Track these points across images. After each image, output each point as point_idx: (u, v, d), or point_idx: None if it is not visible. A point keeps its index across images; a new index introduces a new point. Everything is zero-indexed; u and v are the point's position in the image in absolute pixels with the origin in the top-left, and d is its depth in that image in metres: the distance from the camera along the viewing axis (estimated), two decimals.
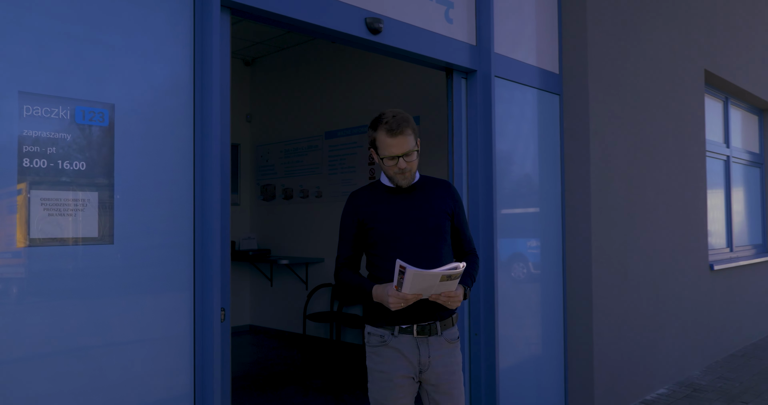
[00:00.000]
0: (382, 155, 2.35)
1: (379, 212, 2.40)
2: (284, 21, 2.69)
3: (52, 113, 1.99)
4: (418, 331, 2.33)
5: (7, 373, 1.87)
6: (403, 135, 2.31)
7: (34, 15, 1.97)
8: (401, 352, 2.34)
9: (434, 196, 2.48)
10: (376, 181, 2.53)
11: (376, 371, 2.38)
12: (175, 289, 2.27)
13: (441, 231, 2.42)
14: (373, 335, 2.40)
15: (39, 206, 1.95)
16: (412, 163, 2.36)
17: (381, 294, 2.26)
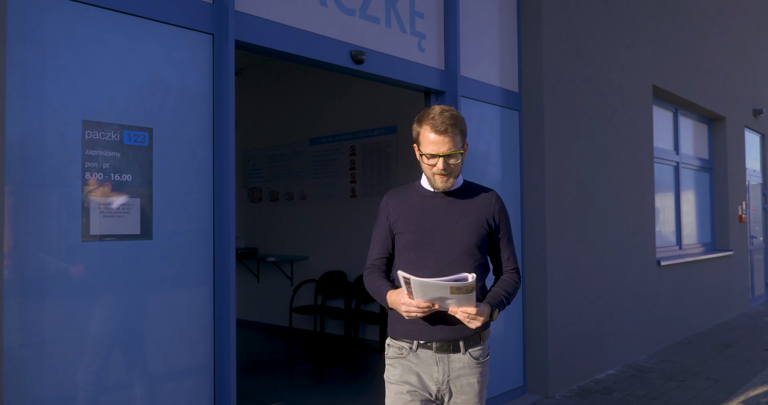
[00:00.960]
0: (423, 152, 2.18)
1: (409, 217, 2.23)
2: (283, 55, 3.24)
3: (106, 137, 2.52)
4: (438, 348, 2.18)
5: (74, 328, 2.41)
6: (449, 134, 2.14)
7: (95, 61, 2.50)
8: (419, 368, 2.20)
9: (474, 206, 2.27)
10: (416, 181, 2.35)
11: (390, 384, 2.24)
12: (199, 275, 2.82)
13: (472, 245, 2.22)
14: (392, 347, 2.26)
15: (97, 209, 2.48)
16: (454, 166, 2.18)
17: (395, 300, 2.12)
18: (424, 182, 2.29)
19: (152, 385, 2.65)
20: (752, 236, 9.89)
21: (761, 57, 10.21)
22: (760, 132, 10.38)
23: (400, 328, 2.22)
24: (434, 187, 2.23)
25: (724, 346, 6.73)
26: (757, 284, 10.17)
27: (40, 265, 2.32)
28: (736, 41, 9.09)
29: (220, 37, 2.89)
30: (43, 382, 2.31)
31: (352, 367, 5.94)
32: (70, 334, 2.40)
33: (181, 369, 2.76)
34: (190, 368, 2.78)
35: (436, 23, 4.21)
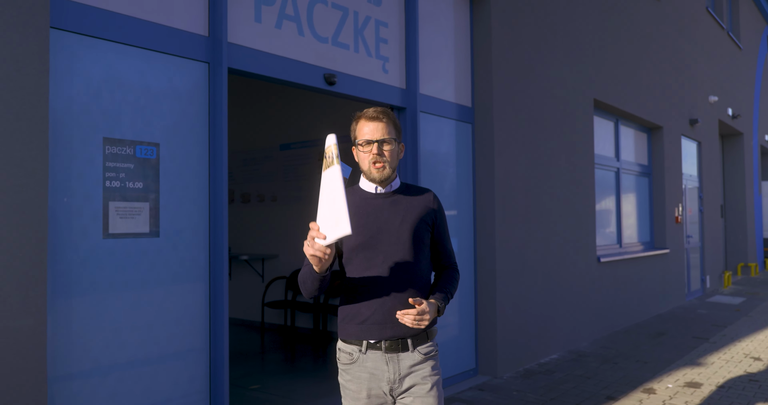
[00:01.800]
0: (359, 141, 2.26)
1: (356, 220, 2.21)
2: (267, 79, 3.77)
3: (122, 151, 3.01)
4: (387, 348, 2.21)
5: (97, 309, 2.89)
6: (381, 122, 2.24)
7: (111, 87, 2.99)
8: (370, 371, 2.23)
9: (415, 205, 2.33)
10: (355, 185, 2.39)
11: (346, 388, 2.29)
12: (198, 267, 3.32)
13: (419, 242, 2.28)
14: (343, 352, 2.28)
15: (114, 211, 2.98)
16: (389, 154, 2.25)
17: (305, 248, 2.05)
18: (363, 184, 2.34)
19: (159, 362, 3.14)
20: (688, 236, 10.74)
21: (698, 71, 11.09)
22: (697, 140, 11.26)
23: (350, 329, 2.23)
24: (371, 178, 2.27)
25: (657, 334, 7.47)
26: (694, 280, 11.03)
27: (71, 258, 2.81)
28: (674, 57, 9.91)
29: (214, 65, 3.40)
30: (77, 357, 2.80)
31: (320, 355, 6.47)
32: (96, 316, 2.89)
33: (184, 349, 3.26)
34: (192, 349, 3.29)
35: (398, 48, 4.78)
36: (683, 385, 5.25)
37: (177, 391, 3.21)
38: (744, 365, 5.93)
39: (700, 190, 11.53)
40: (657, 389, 5.12)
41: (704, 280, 11.42)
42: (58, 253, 2.74)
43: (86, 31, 2.88)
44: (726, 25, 13.57)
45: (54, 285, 2.72)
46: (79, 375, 2.82)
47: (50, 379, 2.68)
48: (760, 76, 16.60)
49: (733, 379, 5.44)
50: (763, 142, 16.84)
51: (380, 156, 2.23)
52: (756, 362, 6.05)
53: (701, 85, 11.27)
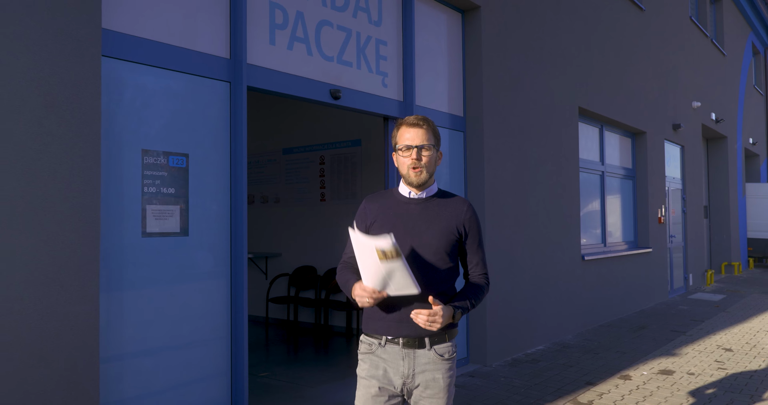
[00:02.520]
0: (399, 146, 2.37)
1: (385, 221, 2.37)
2: (281, 95, 4.21)
3: (157, 160, 3.46)
4: (404, 343, 2.31)
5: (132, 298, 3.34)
6: (421, 128, 2.35)
7: (147, 104, 3.44)
8: (386, 363, 2.34)
9: (445, 212, 2.41)
10: (395, 187, 2.51)
11: (360, 378, 2.40)
12: (221, 262, 3.77)
13: (441, 250, 2.35)
14: (364, 343, 2.41)
15: (151, 213, 3.42)
16: (427, 160, 2.35)
17: (356, 290, 2.25)
18: (401, 189, 2.44)
19: (188, 348, 3.59)
20: (671, 236, 11.24)
21: (681, 77, 11.59)
22: (680, 144, 11.76)
23: (371, 325, 2.36)
24: (409, 182, 2.38)
25: (638, 328, 7.95)
26: (677, 278, 11.54)
27: (116, 254, 3.25)
28: (657, 65, 10.41)
29: (235, 83, 3.85)
30: (124, 338, 3.24)
31: (322, 347, 6.92)
32: (136, 303, 3.33)
33: (209, 338, 3.70)
34: (215, 337, 3.73)
35: (396, 64, 5.24)
36: (657, 372, 5.72)
37: (204, 371, 3.66)
38: (715, 355, 6.41)
39: (683, 191, 12.03)
40: (632, 376, 5.59)
41: (687, 278, 11.93)
42: (106, 250, 3.18)
43: (127, 57, 3.32)
44: (710, 32, 14.09)
45: (103, 277, 3.16)
46: (125, 353, 3.27)
47: (101, 357, 3.12)
48: (744, 81, 17.13)
49: (703, 366, 5.92)
50: (747, 145, 17.37)
51: (419, 160, 2.33)
52: (726, 352, 6.53)
53: (685, 91, 11.78)
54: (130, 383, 3.30)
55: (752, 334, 7.56)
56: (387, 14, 5.15)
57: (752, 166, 19.00)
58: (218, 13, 3.83)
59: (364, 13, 4.91)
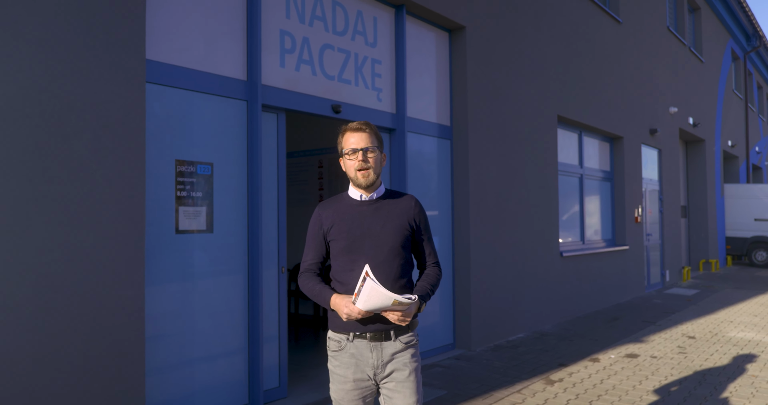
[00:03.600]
0: (345, 151, 2.49)
1: (341, 225, 2.51)
2: (290, 111, 4.84)
3: (188, 169, 4.08)
4: (371, 337, 2.46)
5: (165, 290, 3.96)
6: (364, 132, 2.48)
7: (178, 121, 4.06)
8: (356, 357, 2.48)
9: (396, 210, 2.55)
10: (344, 192, 2.62)
11: (334, 373, 2.54)
12: (239, 253, 4.40)
13: (397, 246, 2.50)
14: (332, 340, 2.54)
15: (182, 213, 4.04)
16: (373, 161, 2.48)
17: (339, 303, 2.39)
18: (351, 192, 2.58)
19: (210, 331, 4.21)
20: (648, 234, 11.93)
21: (659, 84, 12.28)
22: (658, 147, 12.45)
23: (339, 323, 2.50)
24: (357, 184, 2.51)
25: (612, 319, 8.62)
26: (654, 274, 12.23)
27: (156, 247, 3.87)
28: (635, 73, 11.09)
29: (251, 102, 4.47)
30: (163, 319, 3.86)
31: (320, 336, 7.55)
32: (171, 289, 3.95)
33: (230, 316, 4.33)
34: (234, 317, 4.36)
35: (389, 80, 5.87)
36: (623, 356, 6.38)
37: (226, 347, 4.29)
38: (679, 342, 7.08)
39: (660, 192, 12.72)
40: (601, 359, 6.25)
41: (664, 275, 12.62)
42: (149, 243, 3.80)
43: (162, 82, 3.94)
44: (688, 40, 14.80)
45: (146, 267, 3.78)
46: (163, 332, 3.89)
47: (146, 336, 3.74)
48: (723, 86, 17.87)
49: (666, 351, 6.59)
50: (726, 147, 18.12)
51: (365, 162, 2.47)
52: (689, 340, 7.20)
53: (662, 97, 12.47)
54: (166, 354, 3.93)
55: (716, 324, 8.24)
56: (381, 36, 5.78)
57: (732, 168, 19.76)
58: (237, 41, 4.46)
59: (361, 36, 5.54)
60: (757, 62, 23.01)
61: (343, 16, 5.35)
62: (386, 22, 5.84)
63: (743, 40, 20.08)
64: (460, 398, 4.88)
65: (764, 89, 25.60)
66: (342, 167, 2.54)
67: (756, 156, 22.78)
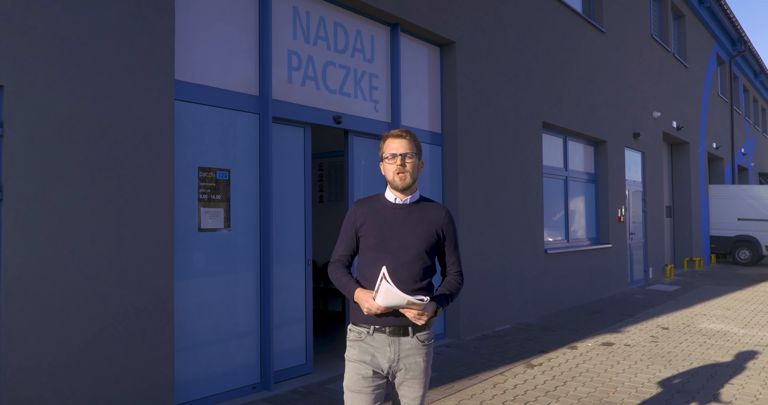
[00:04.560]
0: (385, 155, 2.62)
1: (373, 224, 2.64)
2: (297, 123, 5.41)
3: (209, 174, 4.65)
4: (390, 332, 2.57)
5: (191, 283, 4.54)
6: (404, 139, 2.62)
7: (200, 133, 4.64)
8: (374, 349, 2.59)
9: (426, 217, 2.67)
10: (381, 193, 2.75)
11: (350, 362, 2.64)
12: (253, 249, 4.97)
13: (422, 251, 2.61)
14: (353, 331, 2.65)
15: (204, 214, 4.61)
16: (410, 167, 2.61)
17: (361, 297, 2.52)
18: (387, 194, 2.70)
19: (227, 318, 4.79)
20: (631, 233, 12.54)
21: (642, 90, 12.90)
22: (641, 150, 13.06)
23: (360, 316, 2.62)
24: (394, 186, 2.63)
25: (594, 312, 9.22)
26: (637, 271, 12.84)
27: (182, 243, 4.44)
28: (618, 80, 11.70)
29: (263, 115, 5.05)
30: (189, 305, 4.43)
31: (321, 327, 8.12)
32: (196, 280, 4.53)
33: (245, 300, 4.90)
34: (247, 302, 4.93)
35: (385, 92, 6.45)
36: (600, 344, 6.98)
37: (241, 330, 4.86)
38: (653, 332, 7.68)
39: (643, 193, 13.33)
40: (579, 347, 6.84)
41: (647, 272, 13.23)
42: (176, 239, 4.38)
43: (187, 99, 4.51)
44: (672, 47, 15.43)
45: (175, 260, 4.35)
46: (188, 316, 4.47)
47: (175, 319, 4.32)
48: (708, 90, 18.51)
49: (639, 340, 7.19)
50: (710, 149, 18.76)
51: (403, 167, 2.59)
52: (663, 330, 7.80)
53: (645, 103, 13.08)
54: (191, 333, 4.50)
55: (690, 316, 8.84)
56: (378, 52, 6.36)
57: (717, 169, 20.40)
58: (250, 61, 5.03)
59: (360, 53, 6.12)
60: (743, 66, 23.67)
61: (343, 36, 5.93)
62: (382, 39, 6.42)
63: (728, 45, 20.72)
64: (448, 379, 5.46)
65: (750, 92, 26.27)
66: (381, 170, 2.69)
67: (742, 157, 23.44)
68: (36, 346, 3.49)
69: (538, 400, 4.88)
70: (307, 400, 4.82)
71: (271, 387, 5.00)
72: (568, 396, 4.99)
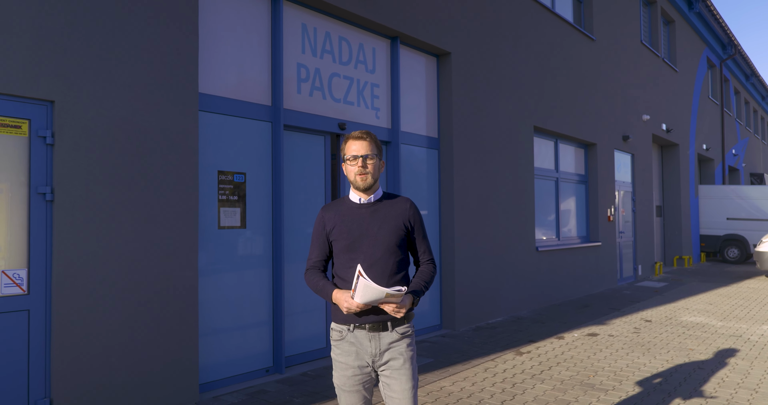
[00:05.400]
0: (346, 157, 2.66)
1: (342, 226, 2.71)
2: (305, 130, 5.91)
3: (227, 177, 5.15)
4: (370, 328, 2.65)
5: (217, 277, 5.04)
6: (364, 140, 2.65)
7: (219, 141, 5.14)
8: (356, 346, 2.67)
9: (392, 212, 2.73)
10: (345, 196, 2.84)
11: (336, 361, 2.72)
12: (266, 245, 5.47)
13: (393, 246, 2.68)
14: (335, 331, 2.73)
15: (222, 213, 5.11)
16: (372, 167, 2.65)
17: (339, 298, 2.59)
18: (351, 196, 2.78)
19: (244, 306, 5.29)
20: (621, 232, 13.06)
21: (631, 94, 13.41)
22: (631, 152, 13.58)
23: (340, 315, 2.71)
24: (356, 187, 2.70)
25: (583, 307, 9.73)
26: (627, 269, 13.36)
27: (204, 239, 4.94)
28: (607, 84, 12.21)
29: (275, 123, 5.55)
30: (212, 293, 4.93)
31: None
32: (216, 272, 5.02)
33: (260, 292, 5.40)
34: (262, 295, 5.44)
35: (386, 100, 6.95)
36: (586, 335, 7.49)
37: (255, 318, 5.37)
38: (636, 324, 8.19)
39: (633, 194, 13.85)
40: (566, 337, 7.35)
41: (636, 269, 13.75)
42: (199, 236, 4.88)
43: (208, 109, 5.01)
44: (662, 52, 15.95)
45: (199, 253, 4.85)
46: (209, 305, 4.97)
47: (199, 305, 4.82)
48: (698, 93, 19.04)
49: (622, 331, 7.70)
50: (701, 150, 19.29)
51: (364, 168, 2.64)
52: (646, 323, 8.31)
53: (635, 106, 13.60)
54: (213, 319, 5.00)
55: (674, 310, 9.35)
56: (379, 63, 6.87)
57: (708, 170, 20.94)
58: (263, 74, 5.53)
59: (362, 64, 6.62)
60: (734, 69, 24.21)
61: (347, 49, 6.44)
62: (383, 51, 6.93)
63: (719, 48, 21.25)
64: (443, 364, 5.97)
65: (742, 94, 26.82)
66: (344, 171, 2.75)
67: (733, 158, 23.99)
68: (82, 328, 3.99)
69: (525, 382, 5.38)
70: (314, 381, 5.32)
71: (283, 370, 5.50)
72: (552, 379, 5.50)
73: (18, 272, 3.75)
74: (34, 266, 3.82)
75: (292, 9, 5.84)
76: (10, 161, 3.77)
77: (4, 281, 3.69)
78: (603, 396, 4.99)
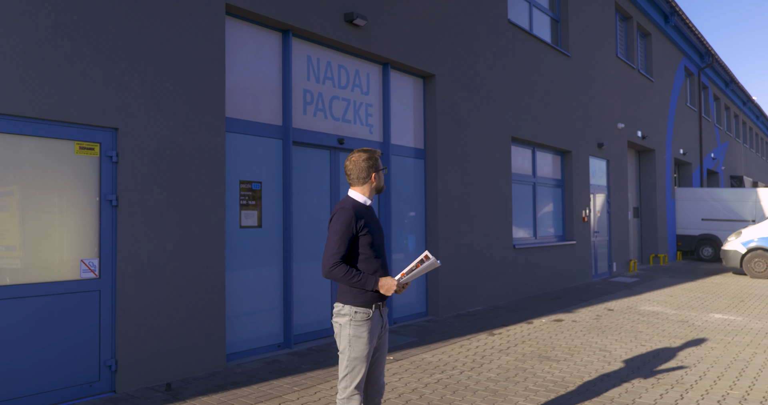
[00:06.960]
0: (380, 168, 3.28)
1: (369, 224, 3.19)
2: (309, 145, 7.01)
3: (246, 186, 6.26)
4: (382, 306, 3.24)
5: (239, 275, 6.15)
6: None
7: (239, 155, 6.25)
8: (376, 323, 3.23)
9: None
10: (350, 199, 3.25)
11: (362, 338, 3.16)
12: (277, 244, 6.58)
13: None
14: (360, 313, 3.17)
15: (243, 215, 6.22)
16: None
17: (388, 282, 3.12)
18: (359, 198, 3.29)
19: (261, 293, 6.39)
20: (596, 231, 14.20)
21: (606, 105, 14.55)
22: (606, 158, 14.72)
23: (366, 298, 3.18)
24: (379, 191, 3.33)
25: (555, 298, 10.86)
26: (602, 266, 14.49)
27: (228, 236, 6.04)
28: (582, 96, 13.34)
29: (285, 140, 6.66)
30: (236, 284, 6.02)
31: None
32: (237, 264, 6.13)
33: (272, 281, 6.50)
34: (274, 283, 6.54)
35: (378, 118, 8.07)
36: (552, 320, 8.61)
37: (268, 306, 6.48)
38: (599, 312, 9.32)
39: (608, 196, 14.99)
40: (534, 322, 8.47)
41: (611, 266, 14.89)
42: (225, 234, 5.98)
43: (232, 130, 6.12)
44: (638, 64, 17.10)
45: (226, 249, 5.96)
46: (236, 294, 6.08)
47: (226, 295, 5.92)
48: (675, 101, 20.21)
49: (585, 318, 8.82)
50: (677, 155, 20.45)
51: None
52: (608, 311, 9.44)
53: (610, 116, 14.74)
54: (236, 302, 6.11)
55: (636, 302, 10.48)
56: (372, 85, 7.98)
57: (686, 173, 22.11)
58: (275, 99, 6.64)
59: (358, 87, 7.74)
60: (713, 76, 25.40)
61: (345, 75, 7.55)
62: (376, 75, 8.05)
63: (697, 58, 22.42)
64: (426, 342, 7.08)
65: (722, 100, 28.02)
66: (373, 179, 3.28)
67: (712, 162, 25.17)
68: (138, 305, 5.10)
69: (492, 355, 6.50)
70: (318, 354, 6.43)
71: (292, 346, 6.61)
72: (515, 353, 6.62)
73: (92, 261, 4.85)
74: (104, 256, 4.92)
75: (299, 43, 6.95)
76: (87, 176, 4.88)
77: (83, 268, 4.79)
78: (555, 365, 6.11)
